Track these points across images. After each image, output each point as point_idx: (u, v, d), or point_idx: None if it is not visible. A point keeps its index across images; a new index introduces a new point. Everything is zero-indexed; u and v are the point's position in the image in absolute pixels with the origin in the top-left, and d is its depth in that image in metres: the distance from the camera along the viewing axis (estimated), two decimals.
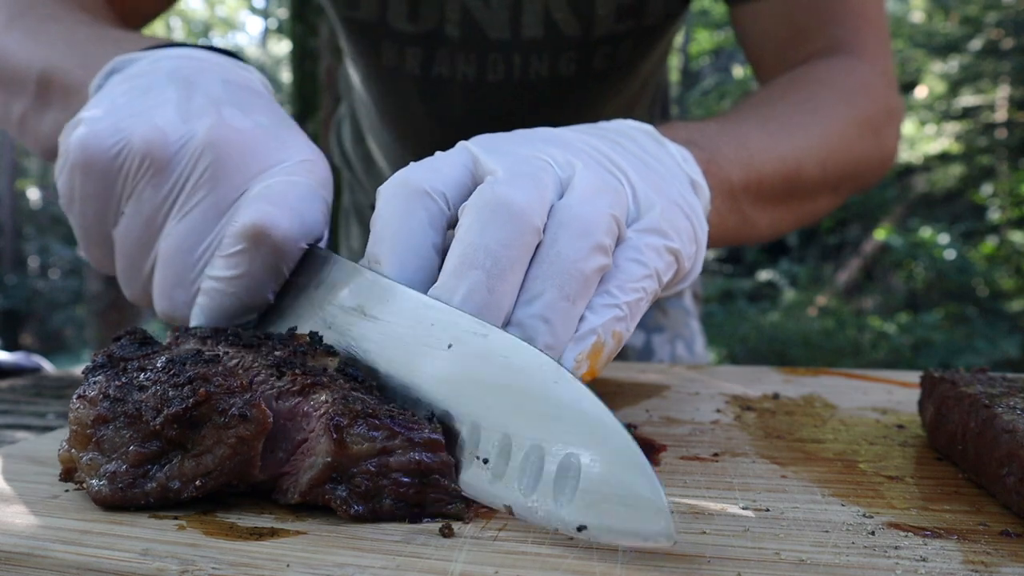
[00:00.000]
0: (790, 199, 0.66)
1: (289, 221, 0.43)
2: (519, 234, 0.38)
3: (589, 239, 0.39)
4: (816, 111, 0.70)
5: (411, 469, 0.34)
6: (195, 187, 0.44)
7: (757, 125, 0.65)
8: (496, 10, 0.78)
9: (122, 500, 0.35)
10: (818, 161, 0.67)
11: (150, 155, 0.43)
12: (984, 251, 7.15)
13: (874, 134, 0.74)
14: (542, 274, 0.39)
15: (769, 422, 0.53)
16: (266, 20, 17.84)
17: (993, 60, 7.70)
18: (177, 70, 0.47)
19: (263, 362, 0.38)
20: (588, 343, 0.39)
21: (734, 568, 0.30)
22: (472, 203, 0.39)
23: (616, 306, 0.40)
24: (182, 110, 0.44)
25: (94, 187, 0.45)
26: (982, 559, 0.31)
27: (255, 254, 0.43)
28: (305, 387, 0.37)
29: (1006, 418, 0.38)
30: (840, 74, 0.74)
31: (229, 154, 0.43)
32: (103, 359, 0.39)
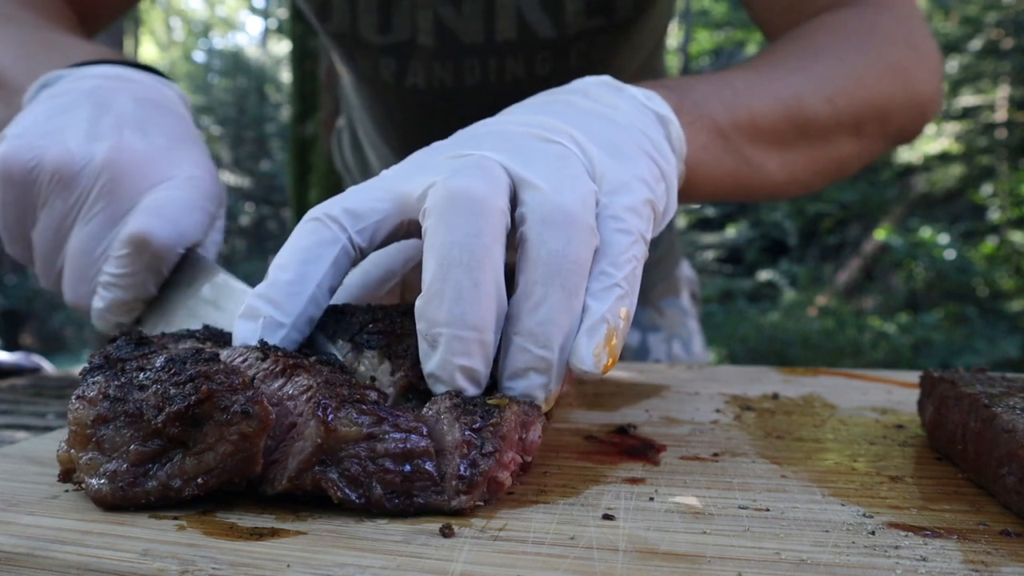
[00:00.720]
0: (799, 139, 0.63)
1: (167, 231, 0.50)
2: (486, 220, 0.38)
3: (575, 225, 0.39)
4: (816, 54, 0.66)
5: (397, 454, 0.34)
6: (95, 200, 0.51)
7: (745, 71, 0.63)
8: (469, 17, 0.79)
9: (123, 499, 0.35)
10: (824, 98, 0.64)
11: (58, 172, 0.51)
12: (984, 251, 7.15)
13: (895, 73, 0.69)
14: (541, 278, 0.39)
15: (769, 422, 0.53)
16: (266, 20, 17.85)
17: (993, 60, 7.71)
18: (95, 90, 0.55)
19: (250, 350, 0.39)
20: (601, 333, 0.39)
21: (734, 568, 0.30)
22: (431, 205, 0.39)
23: (616, 285, 0.40)
24: (89, 132, 0.52)
25: (14, 195, 0.53)
26: (982, 559, 0.31)
27: (138, 257, 0.50)
28: (287, 367, 0.37)
29: (1006, 418, 0.38)
30: (849, 21, 0.70)
31: (124, 172, 0.51)
32: (100, 360, 0.39)
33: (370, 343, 0.41)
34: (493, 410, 0.37)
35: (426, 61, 0.83)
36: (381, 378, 0.40)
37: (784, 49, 0.68)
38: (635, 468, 0.43)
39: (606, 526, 0.34)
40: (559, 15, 0.79)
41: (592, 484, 0.40)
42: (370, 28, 0.82)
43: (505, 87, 0.84)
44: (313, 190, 3.82)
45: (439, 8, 0.79)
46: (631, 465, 0.43)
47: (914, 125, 0.73)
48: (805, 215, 8.57)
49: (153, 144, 0.53)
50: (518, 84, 0.84)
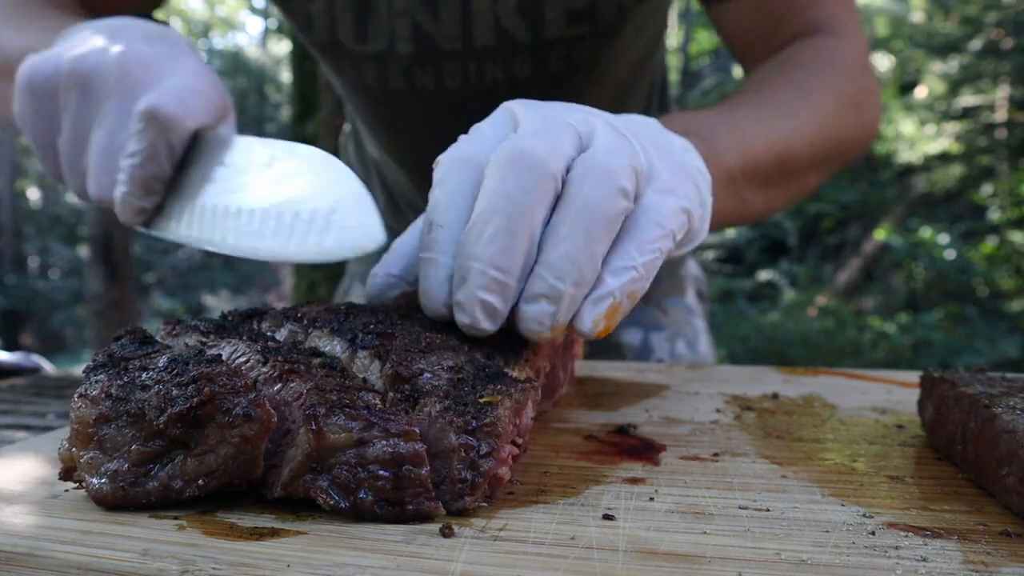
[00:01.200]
0: (782, 179, 0.70)
1: (175, 106, 0.54)
2: (536, 180, 0.42)
3: (613, 182, 0.43)
4: (803, 95, 0.73)
5: (386, 460, 0.34)
6: (108, 95, 0.55)
7: (751, 112, 0.68)
8: (447, 23, 0.80)
9: (123, 499, 0.35)
10: (807, 142, 0.70)
11: (75, 73, 0.55)
12: (984, 251, 7.15)
13: (856, 111, 0.77)
14: (569, 217, 0.42)
15: (769, 422, 0.53)
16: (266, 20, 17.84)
17: (993, 60, 7.71)
18: (110, 26, 0.60)
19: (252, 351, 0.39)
20: (605, 305, 0.43)
21: (734, 568, 0.30)
22: (495, 156, 0.43)
23: (633, 268, 0.44)
24: (103, 44, 0.56)
25: (39, 105, 0.58)
26: (982, 559, 0.31)
27: (150, 131, 0.53)
28: (284, 373, 0.37)
29: (1006, 418, 0.38)
30: (821, 56, 0.77)
31: (132, 69, 0.55)
32: (103, 358, 0.39)
33: (364, 343, 0.41)
34: (486, 409, 0.36)
35: (406, 67, 0.84)
36: (371, 377, 0.40)
37: (777, 85, 0.74)
38: (635, 468, 0.43)
39: (606, 526, 0.34)
40: (537, 21, 0.80)
41: (592, 484, 0.40)
42: (349, 36, 0.83)
43: (485, 90, 0.85)
44: None
45: (417, 15, 0.80)
46: (631, 465, 0.43)
47: (859, 153, 0.82)
48: (805, 215, 8.57)
49: (158, 51, 0.57)
50: (498, 87, 0.85)
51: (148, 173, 0.55)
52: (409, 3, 0.79)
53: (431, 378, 0.39)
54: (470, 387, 0.39)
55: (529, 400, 0.40)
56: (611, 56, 0.87)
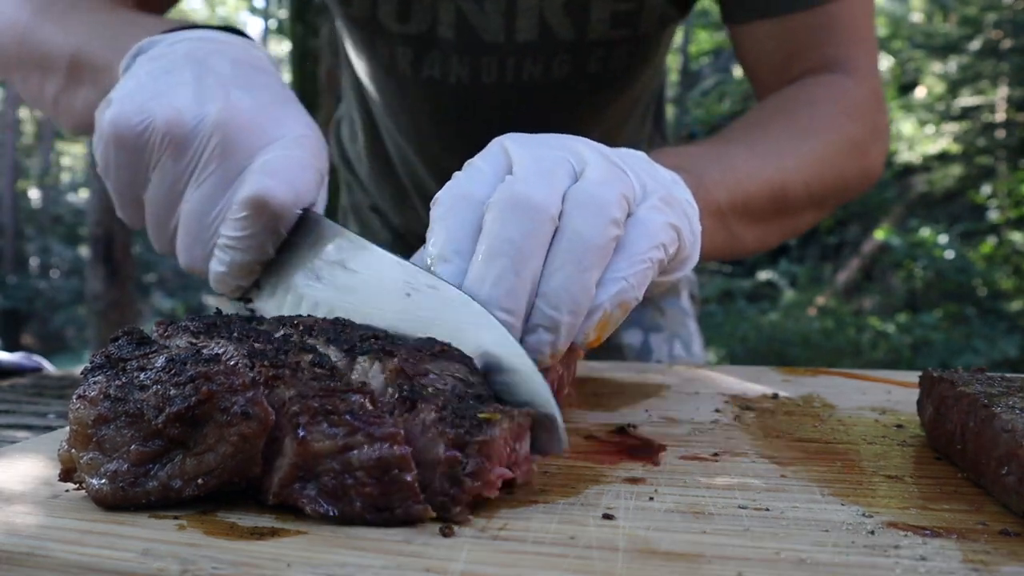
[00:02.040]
0: (776, 217, 0.71)
1: (284, 191, 0.50)
2: (537, 225, 0.43)
3: (603, 216, 0.44)
4: (804, 134, 0.73)
5: (372, 465, 0.33)
6: (208, 160, 0.51)
7: (745, 149, 0.69)
8: (491, 14, 0.79)
9: (123, 499, 0.35)
10: (803, 182, 0.71)
11: (170, 133, 0.51)
12: (983, 251, 7.15)
13: (860, 154, 0.77)
14: (562, 249, 0.43)
15: (768, 422, 0.53)
16: (266, 20, 17.83)
17: (992, 60, 7.71)
18: (192, 52, 0.54)
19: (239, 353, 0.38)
20: (596, 318, 0.44)
21: (734, 567, 0.30)
22: (495, 201, 0.44)
23: (623, 279, 0.45)
24: (196, 92, 0.52)
25: (125, 158, 0.53)
26: (981, 558, 0.31)
27: (257, 219, 0.50)
28: (268, 379, 0.36)
29: (1005, 417, 0.38)
30: (830, 95, 0.77)
31: (236, 132, 0.51)
32: (101, 359, 0.39)
33: (362, 350, 0.40)
34: (482, 424, 0.35)
35: (444, 54, 0.83)
36: (372, 380, 0.39)
37: (776, 123, 0.75)
38: (635, 468, 0.43)
39: (606, 526, 0.34)
40: (582, 21, 0.79)
41: (592, 484, 0.40)
42: (390, 15, 0.81)
43: (521, 87, 0.84)
44: None
45: (462, 3, 0.79)
46: (631, 465, 0.43)
47: (859, 193, 0.83)
48: None
49: (260, 103, 0.53)
50: (534, 85, 0.84)
51: (249, 258, 0.51)
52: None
53: (435, 379, 0.38)
54: (473, 401, 0.37)
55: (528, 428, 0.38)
56: (644, 64, 0.88)
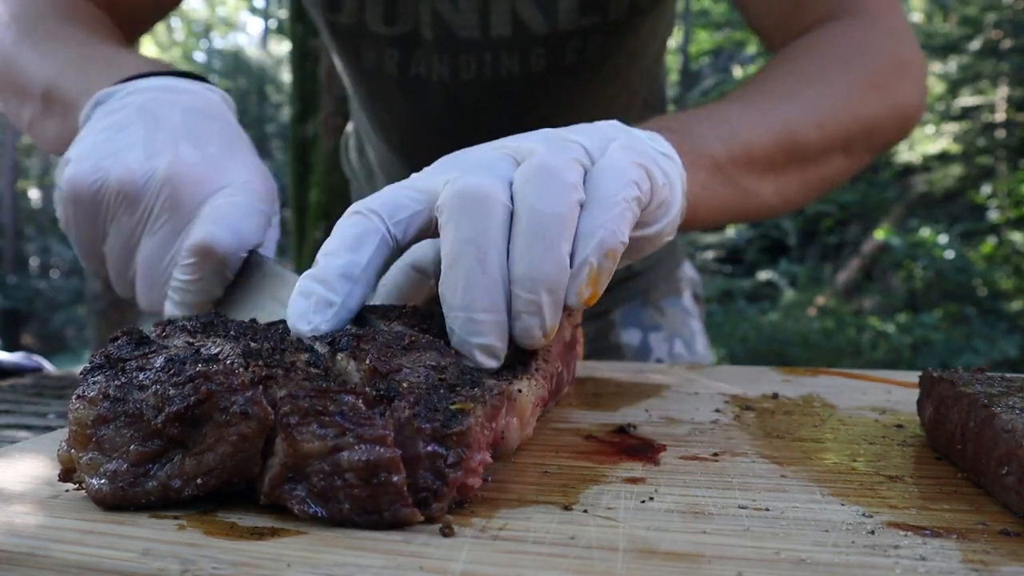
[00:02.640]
0: (790, 165, 0.67)
1: (228, 238, 0.53)
2: (489, 216, 0.42)
3: (557, 183, 0.42)
4: (806, 79, 0.71)
5: (361, 467, 0.33)
6: (159, 213, 0.55)
7: (740, 103, 0.67)
8: (464, 12, 0.80)
9: (123, 499, 0.35)
10: (815, 124, 0.67)
11: (122, 190, 0.54)
12: (983, 251, 7.15)
13: (881, 90, 0.73)
14: (522, 232, 0.42)
15: (768, 422, 0.53)
16: (266, 20, 17.85)
17: (992, 60, 7.71)
18: (145, 105, 0.58)
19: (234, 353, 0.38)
20: (584, 274, 0.43)
21: (734, 567, 0.30)
22: (443, 203, 0.43)
23: (601, 227, 0.43)
24: (146, 149, 0.55)
25: (84, 215, 0.56)
26: (981, 558, 0.31)
27: (204, 263, 0.54)
28: (261, 379, 0.36)
29: (1005, 417, 0.38)
30: (834, 39, 0.74)
31: (183, 184, 0.54)
32: (101, 360, 0.39)
33: (341, 345, 0.41)
34: (457, 416, 0.35)
35: (427, 53, 0.84)
36: (349, 377, 0.39)
37: (774, 77, 0.72)
38: (635, 468, 0.43)
39: (606, 526, 0.34)
40: (551, 11, 0.80)
41: (592, 484, 0.40)
42: (377, 19, 0.83)
43: (500, 82, 0.85)
44: (313, 190, 3.82)
45: (436, 2, 0.80)
46: (631, 465, 0.43)
47: (900, 135, 0.77)
48: (805, 215, 8.58)
49: (207, 154, 0.56)
50: (513, 80, 0.85)
51: (199, 299, 0.55)
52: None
53: (409, 373, 0.38)
54: (446, 391, 0.37)
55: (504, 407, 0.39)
56: (624, 55, 0.88)
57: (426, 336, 0.43)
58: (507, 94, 0.86)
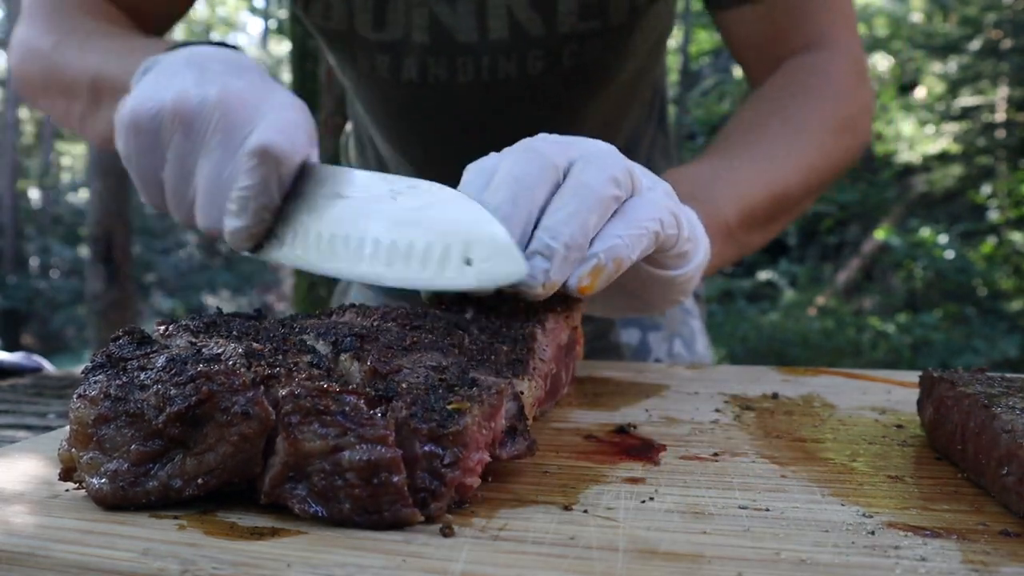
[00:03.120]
0: (780, 217, 0.76)
1: (283, 141, 0.57)
2: (541, 168, 0.49)
3: (607, 171, 0.50)
4: (797, 132, 0.77)
5: (361, 467, 0.33)
6: (213, 133, 0.58)
7: (747, 158, 0.74)
8: (463, 15, 0.81)
9: (123, 499, 0.35)
10: (802, 178, 0.75)
11: (178, 113, 0.58)
12: (983, 251, 7.15)
13: (850, 133, 0.81)
14: (566, 192, 0.49)
15: (768, 422, 0.53)
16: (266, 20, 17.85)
17: (992, 60, 7.71)
18: (190, 58, 0.63)
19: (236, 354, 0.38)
20: (590, 264, 0.49)
21: (734, 568, 0.30)
22: (508, 151, 0.51)
23: (619, 236, 0.50)
24: (197, 80, 0.59)
25: (144, 142, 0.60)
26: (982, 558, 0.31)
27: (263, 165, 0.56)
28: (264, 378, 0.36)
29: (1005, 418, 0.38)
30: (814, 78, 0.80)
31: (234, 107, 0.58)
32: (102, 359, 0.39)
33: (344, 346, 0.41)
34: (454, 416, 0.35)
35: (420, 57, 0.85)
36: (351, 377, 0.40)
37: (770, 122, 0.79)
38: (635, 468, 0.43)
39: (606, 526, 0.34)
40: (550, 15, 0.81)
41: (592, 484, 0.40)
42: (366, 25, 0.83)
43: (498, 85, 0.85)
44: None
45: (434, 6, 0.81)
46: (631, 465, 0.43)
47: (850, 167, 0.86)
48: (805, 215, 8.57)
49: (251, 83, 0.61)
50: (511, 83, 0.85)
51: (260, 204, 0.58)
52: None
53: (408, 374, 0.38)
54: (444, 391, 0.37)
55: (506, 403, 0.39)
56: (622, 57, 0.88)
57: (429, 336, 0.43)
58: (505, 98, 0.87)
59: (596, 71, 0.87)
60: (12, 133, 12.46)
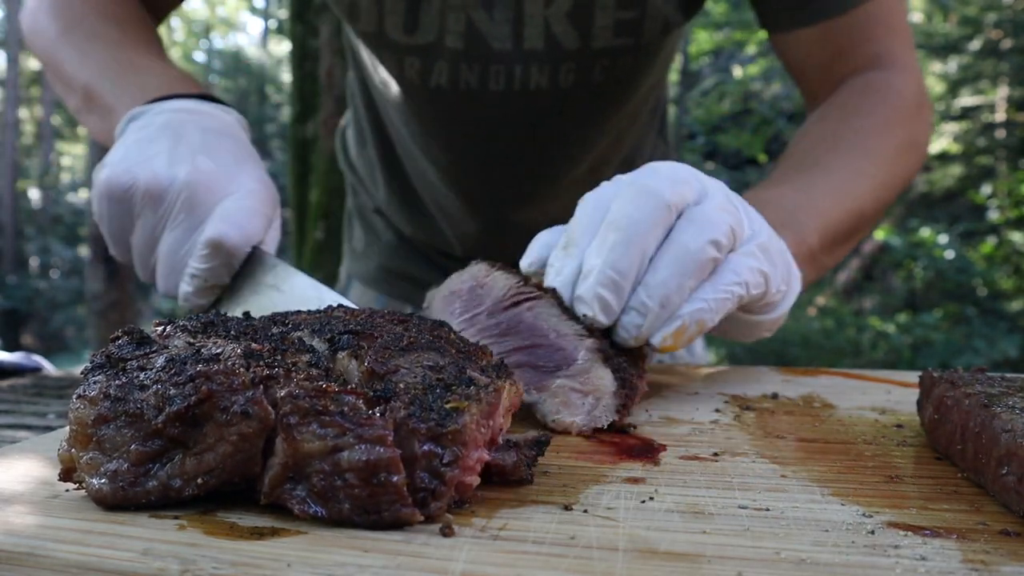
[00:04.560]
0: (854, 235, 0.78)
1: (236, 234, 0.62)
2: (654, 209, 0.52)
3: (710, 234, 0.53)
4: (870, 153, 0.79)
5: (360, 467, 0.33)
6: (178, 212, 0.64)
7: (824, 180, 0.76)
8: (499, 22, 0.81)
9: (123, 499, 0.35)
10: (875, 196, 0.77)
11: (149, 192, 0.64)
12: (983, 251, 7.14)
13: (916, 151, 0.82)
14: (669, 252, 0.52)
15: (768, 422, 0.53)
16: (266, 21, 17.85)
17: (992, 60, 7.70)
18: (169, 123, 0.68)
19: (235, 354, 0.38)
20: (673, 326, 0.53)
21: (734, 568, 0.30)
22: (624, 186, 0.54)
23: (704, 300, 0.53)
24: (170, 158, 0.65)
25: (116, 210, 0.67)
26: (981, 558, 0.31)
27: (215, 255, 0.63)
28: (262, 379, 0.36)
29: (1005, 418, 0.38)
30: (880, 96, 0.81)
31: (199, 189, 0.63)
32: (102, 359, 0.39)
33: (341, 343, 0.41)
34: (452, 415, 0.35)
35: (452, 63, 0.84)
36: (350, 377, 0.40)
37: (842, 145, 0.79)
38: (635, 468, 0.43)
39: (606, 526, 0.34)
40: (586, 29, 0.81)
41: (592, 484, 0.40)
42: (397, 27, 0.83)
43: (528, 95, 0.86)
44: (313, 191, 3.82)
45: (472, 11, 0.81)
46: (631, 465, 0.43)
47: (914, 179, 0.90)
48: None
49: (220, 164, 0.66)
50: (541, 93, 0.85)
51: (209, 285, 0.65)
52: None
53: (406, 374, 0.38)
54: (442, 390, 0.38)
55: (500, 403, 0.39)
56: (646, 74, 0.90)
57: (425, 336, 0.43)
58: (533, 107, 0.88)
59: (623, 86, 0.88)
60: (12, 133, 12.46)
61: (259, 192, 0.65)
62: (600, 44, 0.82)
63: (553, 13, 0.80)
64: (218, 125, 0.70)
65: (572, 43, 0.82)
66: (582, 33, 0.81)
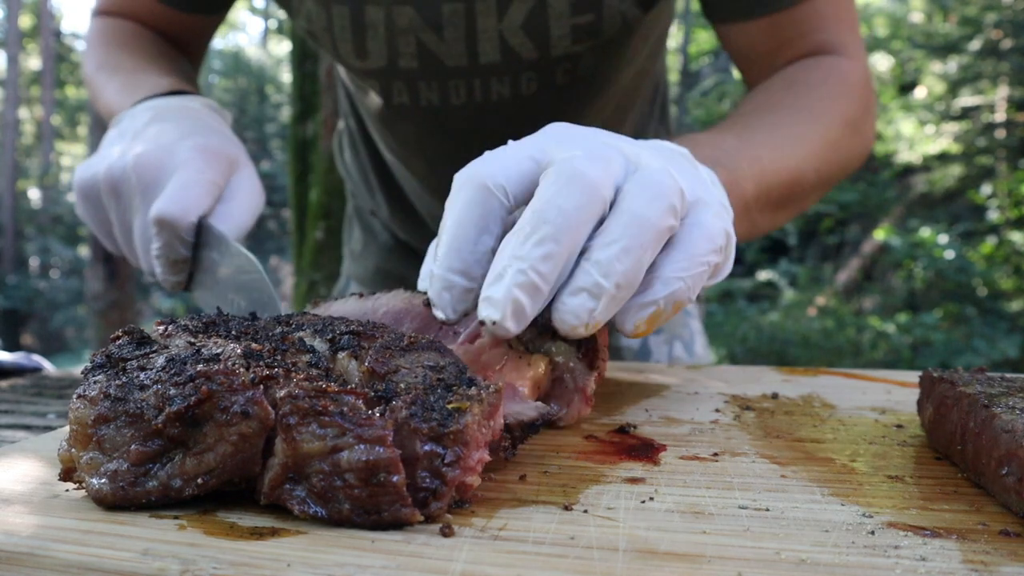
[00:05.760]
0: (790, 203, 0.74)
1: (173, 208, 0.64)
2: (589, 201, 0.44)
3: (664, 199, 0.45)
4: (812, 119, 0.76)
5: (360, 467, 0.33)
6: (135, 195, 0.68)
7: (767, 137, 0.71)
8: (451, 41, 0.80)
9: (123, 499, 0.35)
10: (815, 168, 0.74)
11: (108, 184, 0.68)
12: (983, 251, 7.15)
13: (857, 132, 0.80)
14: (621, 223, 0.44)
15: (768, 422, 0.53)
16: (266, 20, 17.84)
17: (992, 60, 7.71)
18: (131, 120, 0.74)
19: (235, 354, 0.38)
20: (649, 311, 0.47)
21: (734, 568, 0.30)
22: (553, 171, 0.45)
23: (681, 279, 0.47)
24: (122, 150, 0.69)
25: (90, 207, 0.72)
26: (981, 558, 0.31)
27: (163, 232, 0.65)
28: (262, 379, 0.36)
29: (1005, 418, 0.38)
30: (828, 75, 0.80)
31: (145, 172, 0.67)
32: (102, 359, 0.39)
33: (342, 344, 0.41)
34: (453, 415, 0.35)
35: (409, 82, 0.84)
36: (350, 377, 0.40)
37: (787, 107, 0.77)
38: (635, 468, 0.43)
39: (606, 526, 0.34)
40: (543, 39, 0.80)
41: (592, 484, 0.40)
42: (349, 55, 0.83)
43: (492, 105, 0.85)
44: (313, 190, 3.82)
45: (420, 34, 0.80)
46: (631, 465, 0.43)
47: (857, 168, 0.85)
48: (805, 215, 8.57)
49: (159, 145, 0.68)
50: (504, 103, 0.85)
51: (170, 259, 0.67)
52: (413, 21, 0.79)
53: (407, 374, 0.39)
54: (443, 390, 0.37)
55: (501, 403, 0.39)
56: (616, 66, 0.88)
57: (426, 338, 0.43)
58: (499, 116, 0.87)
59: (591, 83, 0.87)
60: (12, 133, 12.46)
61: (195, 163, 0.66)
62: (559, 52, 0.81)
63: (507, 27, 0.79)
64: (174, 109, 0.74)
65: (530, 53, 0.81)
66: (539, 44, 0.80)
